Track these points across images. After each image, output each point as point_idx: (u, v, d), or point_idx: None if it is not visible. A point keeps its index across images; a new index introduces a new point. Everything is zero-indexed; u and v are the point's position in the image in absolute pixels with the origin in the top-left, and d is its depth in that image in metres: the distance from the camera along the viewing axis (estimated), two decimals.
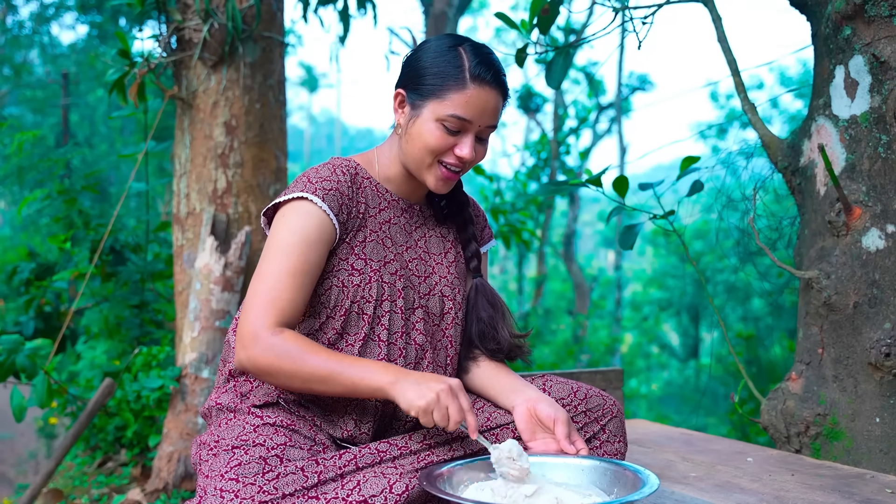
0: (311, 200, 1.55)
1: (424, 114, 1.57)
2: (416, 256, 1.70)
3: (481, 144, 1.63)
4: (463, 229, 1.79)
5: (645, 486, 1.36)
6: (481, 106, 1.56)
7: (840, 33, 2.25)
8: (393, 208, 1.69)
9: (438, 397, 1.40)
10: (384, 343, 1.60)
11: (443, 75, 1.56)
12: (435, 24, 9.97)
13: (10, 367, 2.79)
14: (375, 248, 1.63)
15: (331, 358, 1.46)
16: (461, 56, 1.57)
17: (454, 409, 1.41)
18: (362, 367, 1.45)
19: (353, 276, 1.59)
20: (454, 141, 1.58)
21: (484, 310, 1.74)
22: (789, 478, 1.93)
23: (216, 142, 3.26)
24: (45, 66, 15.73)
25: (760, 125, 2.52)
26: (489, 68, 1.57)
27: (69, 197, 4.02)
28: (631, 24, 2.59)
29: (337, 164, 1.63)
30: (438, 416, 1.40)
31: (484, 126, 1.59)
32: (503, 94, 1.61)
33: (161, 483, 3.03)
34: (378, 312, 1.60)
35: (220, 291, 3.12)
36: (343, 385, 1.45)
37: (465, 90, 1.55)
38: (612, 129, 16.86)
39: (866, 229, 2.19)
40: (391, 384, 1.42)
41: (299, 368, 1.45)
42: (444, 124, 1.56)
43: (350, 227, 1.61)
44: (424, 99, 1.57)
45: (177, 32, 3.24)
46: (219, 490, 1.31)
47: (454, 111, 1.55)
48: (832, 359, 2.26)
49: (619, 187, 2.60)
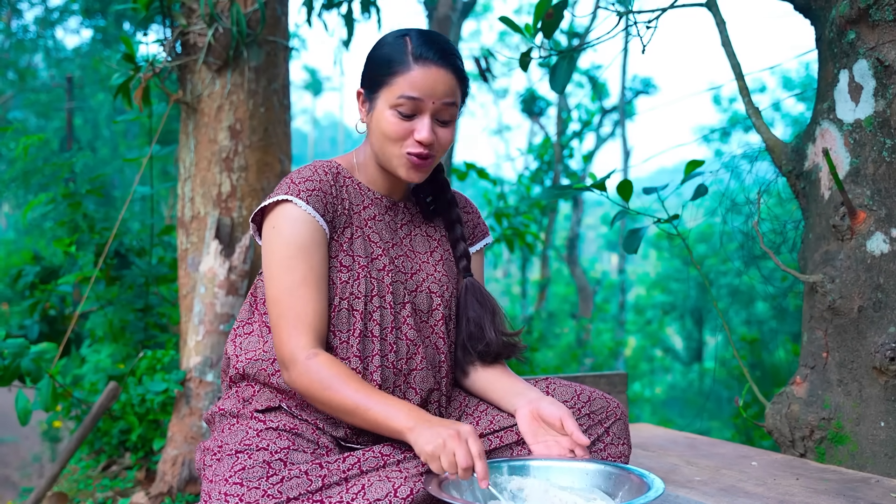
0: (295, 203, 1.55)
1: (379, 105, 1.58)
2: (403, 253, 1.70)
3: (444, 127, 1.60)
4: (451, 229, 1.78)
5: (650, 490, 1.35)
6: (429, 84, 1.55)
7: (844, 37, 2.24)
8: (376, 206, 1.69)
9: (445, 443, 1.36)
10: (377, 339, 1.60)
11: (388, 63, 1.57)
12: (438, 28, 9.97)
13: (14, 370, 2.79)
14: (362, 244, 1.63)
15: (358, 392, 1.46)
16: (405, 42, 1.58)
17: (461, 455, 1.35)
18: (386, 406, 1.45)
19: (342, 273, 1.59)
20: (411, 126, 1.57)
21: (473, 309, 1.73)
22: (794, 482, 1.93)
23: (220, 146, 3.26)
24: (50, 70, 15.78)
25: (764, 129, 2.52)
26: (430, 46, 1.57)
27: (74, 201, 4.02)
28: (635, 28, 2.59)
29: (318, 165, 1.65)
30: (446, 463, 1.36)
31: (439, 104, 1.57)
32: (454, 72, 1.59)
33: (165, 486, 3.03)
34: (369, 308, 1.60)
35: (225, 295, 3.12)
36: (367, 421, 1.46)
37: (410, 71, 1.55)
38: (616, 132, 16.85)
39: (871, 233, 2.19)
40: (410, 430, 1.41)
41: (330, 398, 1.47)
42: (397, 109, 1.56)
43: (337, 224, 1.61)
44: (377, 90, 1.59)
45: (181, 37, 3.24)
46: (223, 494, 1.31)
47: (402, 92, 1.55)
48: (837, 363, 2.26)
49: (622, 191, 2.59)
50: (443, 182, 1.78)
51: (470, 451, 1.37)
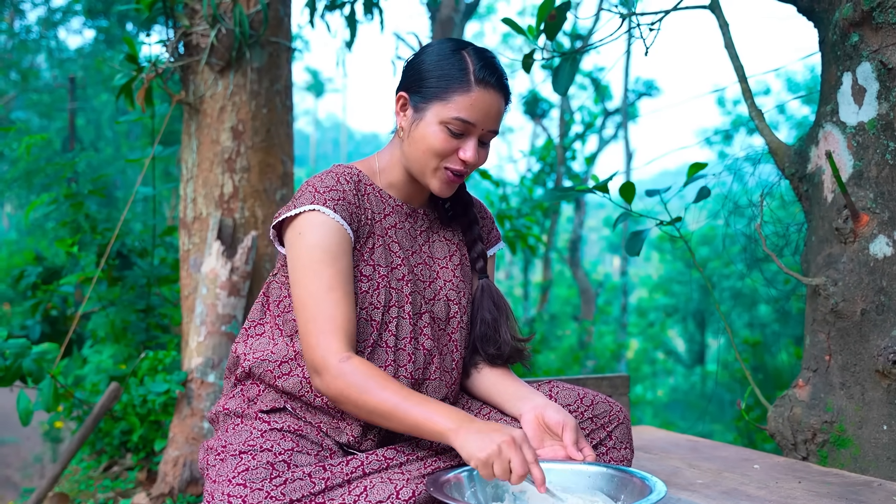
0: (322, 212, 1.53)
1: (428, 116, 1.57)
2: (422, 261, 1.69)
3: (483, 148, 1.62)
4: (468, 230, 1.78)
5: (652, 493, 1.35)
6: (485, 109, 1.56)
7: (847, 40, 2.24)
8: (397, 213, 1.68)
9: (500, 450, 1.32)
10: (391, 349, 1.59)
11: (447, 78, 1.55)
12: (441, 30, 9.98)
13: (16, 371, 2.78)
14: (383, 253, 1.62)
15: (396, 394, 1.41)
16: (465, 59, 1.57)
17: (517, 463, 1.32)
18: (426, 408, 1.40)
19: (362, 283, 1.58)
20: (457, 144, 1.57)
21: (489, 311, 1.72)
22: (796, 485, 1.92)
23: (223, 146, 3.26)
24: (52, 70, 15.81)
25: (767, 131, 2.51)
26: (493, 72, 1.57)
27: (76, 201, 4.02)
28: (638, 30, 2.58)
29: (340, 173, 1.62)
30: (499, 470, 1.32)
31: (487, 130, 1.58)
32: (506, 98, 1.61)
33: (167, 487, 3.03)
34: (385, 318, 1.59)
35: (227, 296, 3.12)
36: (404, 424, 1.41)
37: (470, 93, 1.54)
38: (619, 134, 16.84)
39: (874, 236, 2.18)
40: (453, 431, 1.36)
41: (365, 402, 1.42)
42: (448, 127, 1.55)
43: (360, 234, 1.60)
44: (428, 101, 1.57)
45: (184, 37, 3.24)
46: (226, 495, 1.31)
47: (458, 114, 1.54)
48: (839, 366, 2.25)
49: (625, 193, 2.59)
50: (462, 185, 1.78)
51: (525, 457, 1.34)
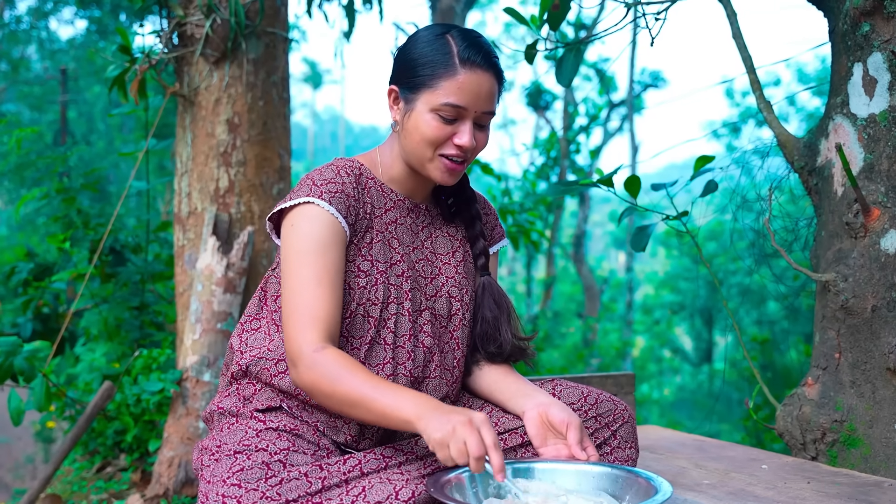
0: (317, 205, 1.52)
1: (418, 106, 1.55)
2: (423, 257, 1.68)
3: (481, 131, 1.59)
4: (471, 226, 1.76)
5: (658, 494, 1.34)
6: (475, 90, 1.53)
7: (858, 30, 2.21)
8: (399, 208, 1.66)
9: (455, 430, 1.29)
10: (389, 346, 1.57)
11: (432, 64, 1.53)
12: (442, 20, 9.94)
13: (7, 369, 2.77)
14: (382, 249, 1.60)
15: (366, 383, 1.38)
16: (449, 42, 1.55)
17: (473, 444, 1.28)
18: (395, 396, 1.36)
19: (359, 279, 1.56)
20: (452, 130, 1.55)
21: (489, 309, 1.71)
22: (805, 486, 1.90)
23: (218, 140, 3.24)
24: (44, 61, 15.77)
25: (776, 124, 2.48)
26: (478, 50, 1.54)
27: (68, 196, 4.00)
28: (643, 20, 2.56)
29: (341, 166, 1.61)
30: (455, 452, 1.28)
31: (480, 111, 1.55)
32: (497, 77, 1.58)
33: (161, 488, 3.01)
34: (384, 315, 1.58)
35: (222, 293, 3.09)
36: (373, 413, 1.38)
37: (457, 76, 1.52)
38: (624, 127, 16.81)
39: (885, 231, 2.16)
40: (419, 418, 1.33)
41: (335, 390, 1.40)
42: (439, 114, 1.53)
43: (358, 228, 1.58)
44: (416, 91, 1.55)
45: (178, 28, 3.22)
46: (221, 496, 1.31)
47: (447, 99, 1.52)
48: (849, 364, 2.23)
49: (630, 187, 2.56)
50: (463, 180, 1.76)
51: (483, 439, 1.30)
